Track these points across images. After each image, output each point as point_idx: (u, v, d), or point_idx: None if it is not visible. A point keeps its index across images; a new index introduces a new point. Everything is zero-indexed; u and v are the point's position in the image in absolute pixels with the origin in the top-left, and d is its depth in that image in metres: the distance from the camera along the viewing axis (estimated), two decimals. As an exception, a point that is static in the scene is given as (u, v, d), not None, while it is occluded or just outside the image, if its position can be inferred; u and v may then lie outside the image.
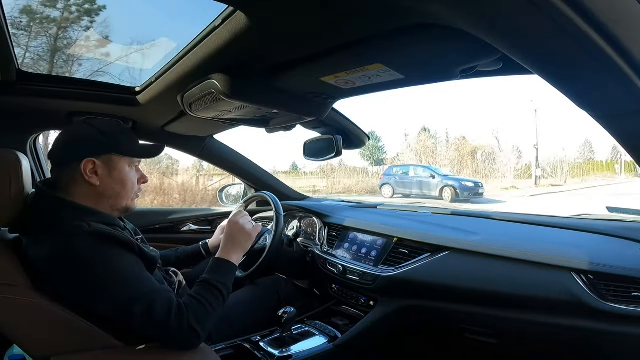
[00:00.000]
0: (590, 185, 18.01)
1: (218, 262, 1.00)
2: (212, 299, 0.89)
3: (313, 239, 1.67)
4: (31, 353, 0.75)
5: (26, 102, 1.23)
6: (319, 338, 1.28)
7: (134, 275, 0.82)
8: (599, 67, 0.46)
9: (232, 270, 1.00)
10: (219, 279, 0.94)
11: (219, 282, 0.92)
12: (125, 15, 1.06)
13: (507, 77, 0.84)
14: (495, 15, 0.45)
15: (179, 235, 1.93)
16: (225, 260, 1.01)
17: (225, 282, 0.95)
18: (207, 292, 0.90)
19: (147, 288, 0.81)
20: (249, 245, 1.12)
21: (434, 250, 1.17)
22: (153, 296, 0.80)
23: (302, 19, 0.66)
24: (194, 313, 0.83)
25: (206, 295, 0.89)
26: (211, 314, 0.87)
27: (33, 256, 0.81)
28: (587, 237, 1.05)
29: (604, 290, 0.86)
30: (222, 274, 0.97)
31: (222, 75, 0.90)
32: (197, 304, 0.86)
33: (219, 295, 0.91)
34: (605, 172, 23.88)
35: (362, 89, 0.94)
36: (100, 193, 0.91)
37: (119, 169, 0.93)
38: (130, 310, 0.78)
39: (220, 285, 0.92)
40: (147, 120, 1.44)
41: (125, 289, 0.79)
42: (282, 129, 1.35)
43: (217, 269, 0.98)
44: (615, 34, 0.42)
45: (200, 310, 0.85)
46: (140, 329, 0.79)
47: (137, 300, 0.78)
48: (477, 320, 1.10)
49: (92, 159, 0.89)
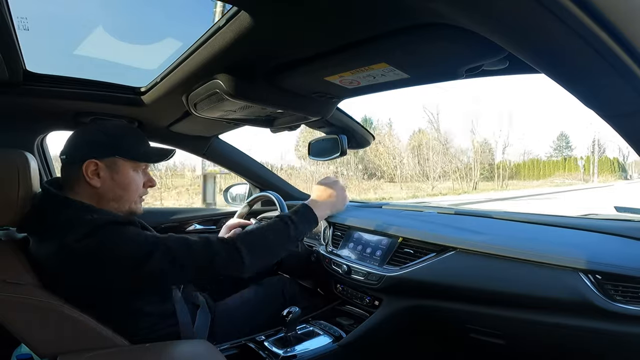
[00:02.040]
0: (536, 193, 16.28)
1: (305, 209, 0.99)
2: (273, 231, 0.89)
3: (318, 239, 1.67)
4: (38, 352, 0.76)
5: (33, 103, 1.24)
6: (324, 338, 1.28)
7: (141, 236, 0.84)
8: (608, 66, 0.45)
9: (313, 223, 0.99)
10: (294, 219, 0.94)
11: (292, 222, 0.93)
12: (131, 15, 1.06)
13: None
14: (502, 15, 0.44)
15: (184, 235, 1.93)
16: (312, 211, 1.00)
17: (298, 225, 0.94)
18: (272, 224, 0.90)
19: (157, 237, 0.84)
20: (341, 207, 1.11)
21: (439, 250, 1.17)
22: (166, 240, 0.83)
23: (306, 19, 0.66)
24: (246, 236, 0.86)
25: (269, 226, 0.89)
26: (263, 241, 0.88)
27: (41, 255, 0.82)
28: (594, 237, 1.04)
29: (612, 290, 0.85)
30: (301, 219, 0.96)
31: (227, 75, 0.90)
32: (251, 231, 0.87)
33: (283, 232, 0.91)
34: (573, 172, 20.96)
35: (367, 89, 0.94)
36: (101, 195, 0.91)
37: (122, 173, 0.93)
38: (153, 263, 0.79)
39: (291, 224, 0.92)
40: (152, 120, 1.44)
41: (137, 247, 0.80)
42: (286, 129, 1.36)
43: (299, 213, 0.97)
44: (624, 32, 0.41)
45: (252, 236, 0.86)
46: (166, 269, 0.81)
47: (153, 250, 0.80)
48: (482, 320, 1.09)
49: (95, 161, 0.89)
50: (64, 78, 1.17)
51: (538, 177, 20.39)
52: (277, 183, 2.04)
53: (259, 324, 1.31)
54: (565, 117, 33.34)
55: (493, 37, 0.50)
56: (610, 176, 22.50)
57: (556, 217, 1.22)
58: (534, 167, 20.88)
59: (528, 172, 20.82)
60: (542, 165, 21.25)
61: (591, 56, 0.45)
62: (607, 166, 23.02)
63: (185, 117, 1.35)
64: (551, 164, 22.58)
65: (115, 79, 1.24)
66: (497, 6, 0.43)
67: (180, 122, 1.43)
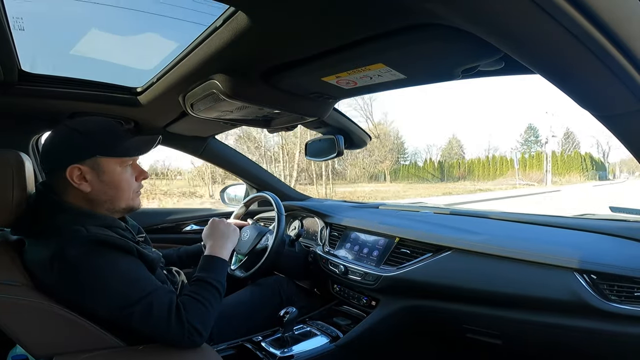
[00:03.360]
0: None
1: (208, 259, 0.99)
2: (209, 296, 0.88)
3: (315, 239, 1.67)
4: (33, 353, 0.75)
5: (28, 103, 1.23)
6: (321, 338, 1.28)
7: (132, 277, 0.81)
8: (603, 66, 0.46)
9: (224, 266, 0.99)
10: (213, 276, 0.93)
11: (213, 280, 0.92)
12: (127, 15, 1.06)
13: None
14: (498, 15, 0.45)
15: (181, 236, 1.93)
16: (215, 257, 1.00)
17: (219, 278, 0.94)
18: (204, 290, 0.89)
19: (146, 289, 0.81)
20: (235, 238, 1.11)
21: (436, 250, 1.17)
22: (152, 297, 0.80)
23: (303, 20, 0.66)
24: (193, 311, 0.83)
25: (203, 293, 0.88)
26: (210, 311, 0.86)
27: (33, 258, 0.81)
28: (589, 237, 1.05)
29: (607, 290, 0.86)
30: (215, 270, 0.96)
31: (224, 75, 0.90)
32: (195, 302, 0.85)
33: (215, 293, 0.90)
34: (534, 170, 16.56)
35: (364, 89, 0.94)
36: (93, 199, 0.87)
37: (108, 172, 0.87)
38: (129, 312, 0.78)
39: (215, 282, 0.92)
40: (148, 120, 1.44)
41: (123, 293, 0.78)
42: (283, 129, 1.36)
43: (209, 266, 0.97)
44: (619, 33, 0.41)
45: (199, 308, 0.85)
46: (140, 329, 0.79)
47: (136, 303, 0.78)
48: (479, 320, 1.09)
49: (77, 165, 0.84)
50: (60, 78, 1.16)
51: (494, 176, 17.97)
52: (273, 184, 2.04)
53: (256, 325, 1.31)
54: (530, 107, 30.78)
55: (489, 37, 0.50)
56: (580, 175, 19.82)
57: (552, 217, 1.23)
58: (490, 165, 17.79)
59: (483, 171, 18.16)
60: (499, 163, 18.26)
61: (586, 57, 0.45)
62: (577, 163, 20.44)
63: (182, 117, 1.35)
64: (507, 162, 19.34)
65: (111, 79, 1.23)
66: (492, 7, 0.43)
67: (176, 123, 1.43)
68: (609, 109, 0.55)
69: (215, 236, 1.08)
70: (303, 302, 1.47)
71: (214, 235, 1.08)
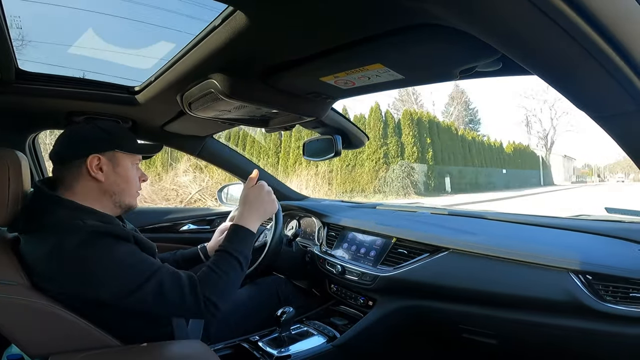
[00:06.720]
0: None
1: (234, 229, 0.99)
2: (229, 268, 0.89)
3: (312, 239, 1.67)
4: (29, 353, 0.75)
5: (25, 101, 1.23)
6: (318, 338, 1.28)
7: (135, 260, 0.82)
8: (599, 67, 0.46)
9: (250, 237, 0.99)
10: (236, 247, 0.94)
11: (235, 251, 0.92)
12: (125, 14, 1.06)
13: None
14: (495, 16, 0.45)
15: (178, 235, 1.93)
16: (243, 227, 0.99)
17: (242, 250, 0.94)
18: (224, 262, 0.90)
19: (152, 268, 0.82)
20: (270, 210, 1.09)
21: (433, 250, 1.17)
22: (159, 275, 0.81)
23: (302, 20, 0.66)
24: (209, 283, 0.84)
25: (222, 265, 0.89)
26: (227, 282, 0.87)
27: (31, 255, 0.81)
28: (585, 237, 1.05)
29: (602, 290, 0.86)
30: (240, 241, 0.96)
31: (222, 75, 0.90)
32: (212, 275, 0.86)
33: (236, 265, 0.91)
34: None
35: (362, 89, 0.94)
36: (104, 189, 0.92)
37: (122, 166, 0.95)
38: (141, 295, 0.78)
39: (237, 254, 0.92)
40: (146, 119, 1.44)
41: (129, 276, 0.79)
42: (281, 129, 1.35)
43: (235, 236, 0.97)
44: (615, 34, 0.42)
45: (215, 280, 0.86)
46: (158, 310, 0.81)
47: (144, 283, 0.79)
48: (475, 320, 1.10)
49: (98, 155, 0.91)
50: (57, 77, 1.16)
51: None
52: (272, 183, 2.03)
53: (253, 324, 1.31)
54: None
55: (486, 38, 0.50)
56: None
57: (548, 218, 1.24)
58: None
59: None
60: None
61: (583, 57, 0.45)
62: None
63: (180, 116, 1.35)
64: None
65: (108, 78, 1.23)
66: (490, 7, 0.44)
67: (174, 122, 1.42)
68: (606, 109, 0.56)
69: (249, 202, 1.05)
70: (300, 302, 1.47)
71: (248, 200, 1.05)
